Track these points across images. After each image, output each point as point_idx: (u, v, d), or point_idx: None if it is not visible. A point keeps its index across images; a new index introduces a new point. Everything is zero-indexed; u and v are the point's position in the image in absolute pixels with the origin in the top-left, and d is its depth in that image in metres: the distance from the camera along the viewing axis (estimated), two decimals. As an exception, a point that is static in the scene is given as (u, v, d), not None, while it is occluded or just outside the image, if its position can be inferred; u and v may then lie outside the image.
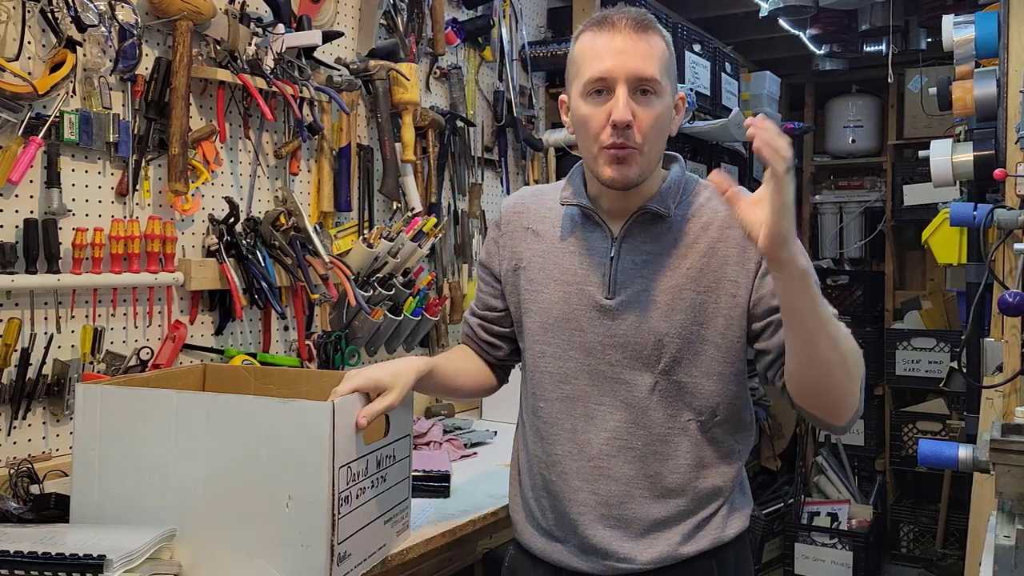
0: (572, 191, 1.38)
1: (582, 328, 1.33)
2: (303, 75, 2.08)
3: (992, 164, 2.06)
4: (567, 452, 1.34)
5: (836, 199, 4.76)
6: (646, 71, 1.25)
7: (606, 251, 1.34)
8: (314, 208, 2.23)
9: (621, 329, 1.31)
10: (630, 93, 1.25)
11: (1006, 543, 1.26)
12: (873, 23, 3.69)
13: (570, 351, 1.34)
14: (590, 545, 1.33)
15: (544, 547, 1.39)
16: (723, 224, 1.31)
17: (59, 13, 1.63)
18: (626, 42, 1.25)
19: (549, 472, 1.36)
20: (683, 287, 1.30)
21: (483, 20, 2.77)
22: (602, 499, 1.32)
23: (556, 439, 1.35)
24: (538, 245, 1.41)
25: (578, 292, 1.34)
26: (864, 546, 3.89)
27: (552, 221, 1.41)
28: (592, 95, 1.27)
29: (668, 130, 1.32)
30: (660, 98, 1.28)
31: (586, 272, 1.35)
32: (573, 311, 1.34)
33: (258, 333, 2.09)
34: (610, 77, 1.25)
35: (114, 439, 1.33)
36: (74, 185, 1.71)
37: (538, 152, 3.04)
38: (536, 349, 1.38)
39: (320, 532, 1.23)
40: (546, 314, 1.36)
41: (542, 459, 1.38)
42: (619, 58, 1.25)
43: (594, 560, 1.33)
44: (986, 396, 1.98)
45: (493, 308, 1.51)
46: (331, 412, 1.23)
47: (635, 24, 1.27)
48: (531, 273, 1.40)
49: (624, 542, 1.31)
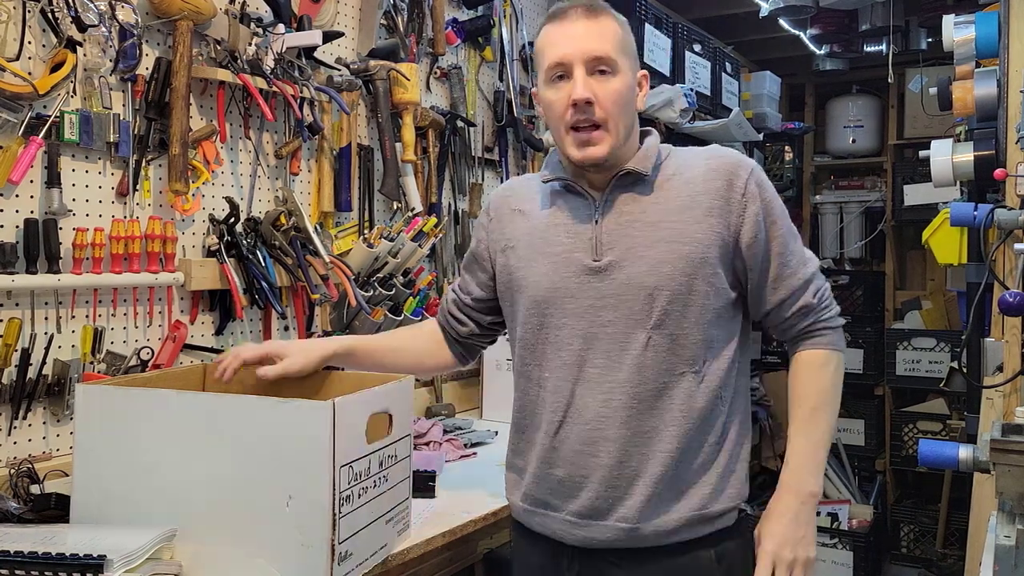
0: (551, 169, 1.45)
1: (573, 294, 1.37)
2: (303, 75, 2.08)
3: (992, 164, 2.06)
4: (567, 418, 1.36)
5: (836, 199, 4.76)
6: (599, 50, 1.34)
7: (590, 216, 1.39)
8: (314, 208, 2.23)
9: (611, 289, 1.35)
10: (588, 73, 1.33)
11: (1006, 543, 1.26)
12: (873, 23, 3.69)
13: (563, 319, 1.37)
14: (587, 510, 1.35)
15: (541, 521, 1.41)
16: (704, 176, 1.37)
17: (59, 13, 1.63)
18: (578, 27, 1.35)
19: (549, 440, 1.38)
20: (669, 240, 1.34)
21: (483, 20, 2.77)
22: (601, 461, 1.34)
23: (557, 407, 1.38)
24: (525, 223, 1.46)
25: (566, 260, 1.38)
26: (864, 546, 3.89)
27: (536, 200, 1.47)
28: (554, 80, 1.36)
29: (633, 105, 1.39)
30: (617, 75, 1.35)
31: (572, 240, 1.39)
32: (563, 279, 1.38)
33: (258, 333, 2.09)
34: (567, 61, 1.34)
35: (114, 439, 1.33)
36: (74, 185, 1.71)
37: (538, 152, 3.04)
38: (532, 323, 1.41)
39: (321, 531, 1.24)
40: (536, 287, 1.40)
41: (541, 429, 1.40)
42: (574, 42, 1.34)
43: (591, 525, 1.35)
44: (986, 396, 1.98)
45: (469, 292, 1.58)
46: (332, 411, 1.23)
47: (586, 10, 1.36)
48: (520, 251, 1.44)
49: (622, 503, 1.33)
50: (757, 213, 1.36)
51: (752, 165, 1.39)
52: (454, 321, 1.61)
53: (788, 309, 1.41)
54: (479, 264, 1.56)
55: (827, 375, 1.42)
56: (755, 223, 1.36)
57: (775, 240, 1.38)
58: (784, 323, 1.43)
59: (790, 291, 1.40)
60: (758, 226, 1.36)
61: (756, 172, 1.38)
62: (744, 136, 3.48)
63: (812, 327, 1.42)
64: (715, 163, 1.38)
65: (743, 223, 1.36)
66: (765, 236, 1.37)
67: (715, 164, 1.38)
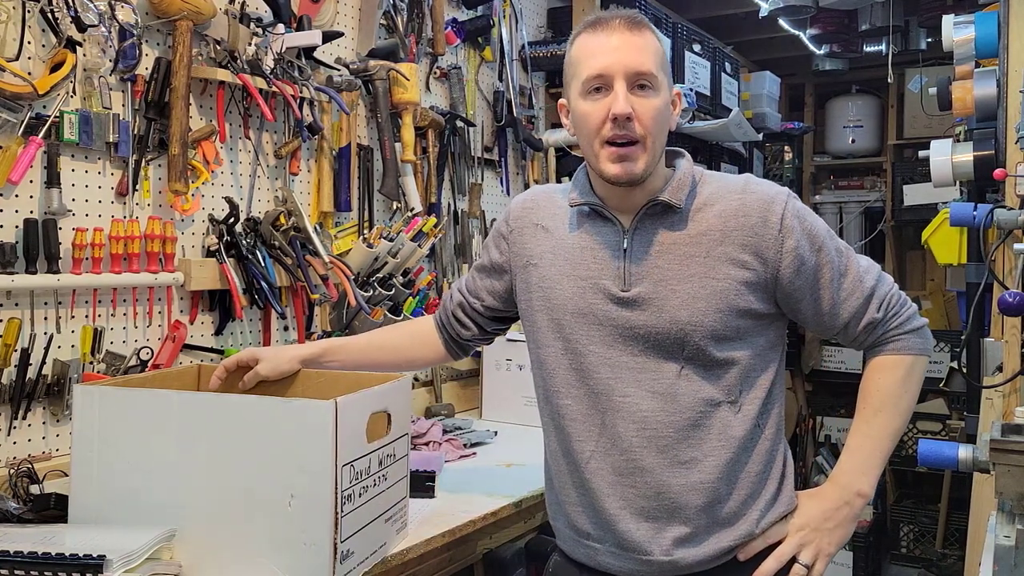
0: (579, 192, 1.39)
1: (600, 322, 1.33)
2: (303, 75, 2.08)
3: (992, 164, 2.06)
4: (599, 448, 1.33)
5: (836, 199, 4.77)
6: (643, 66, 1.28)
7: (618, 244, 1.34)
8: (314, 208, 2.23)
9: (641, 320, 1.30)
10: (628, 88, 1.27)
11: (1006, 543, 1.26)
12: (873, 23, 3.70)
13: (590, 345, 1.33)
14: (629, 542, 1.31)
15: (585, 552, 1.37)
16: (737, 211, 1.32)
17: (59, 13, 1.63)
18: (621, 39, 1.28)
19: (582, 471, 1.34)
20: (703, 276, 1.29)
21: (483, 20, 2.77)
22: (639, 492, 1.30)
23: (587, 436, 1.34)
24: (548, 241, 1.41)
25: (592, 286, 1.34)
26: (864, 546, 3.89)
27: (561, 218, 1.42)
28: (591, 93, 1.29)
29: (668, 124, 1.34)
30: (658, 92, 1.30)
31: (600, 266, 1.34)
32: (589, 305, 1.34)
33: (258, 333, 2.09)
34: (608, 73, 1.27)
35: (113, 440, 1.32)
36: (74, 185, 1.71)
37: (538, 152, 3.04)
38: (556, 347, 1.37)
39: (323, 530, 1.24)
40: (561, 310, 1.36)
41: (573, 459, 1.36)
42: (615, 55, 1.27)
43: (634, 559, 1.32)
44: (986, 396, 1.98)
45: (480, 299, 1.55)
46: (334, 411, 1.23)
47: (629, 22, 1.30)
48: (543, 269, 1.40)
49: (663, 535, 1.30)
50: (796, 247, 1.30)
51: (787, 196, 1.34)
52: (456, 324, 1.59)
53: (855, 328, 1.36)
54: (497, 273, 1.51)
55: (894, 378, 1.37)
56: (796, 257, 1.30)
57: (824, 267, 1.33)
58: (855, 341, 1.39)
59: (852, 312, 1.35)
60: (800, 259, 1.31)
61: (791, 203, 1.33)
62: (744, 136, 3.48)
63: (883, 337, 1.37)
64: (749, 198, 1.32)
65: (781, 259, 1.30)
66: (815, 264, 1.32)
67: (749, 199, 1.32)
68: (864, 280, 1.36)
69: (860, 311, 1.35)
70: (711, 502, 1.30)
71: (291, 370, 1.54)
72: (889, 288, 1.38)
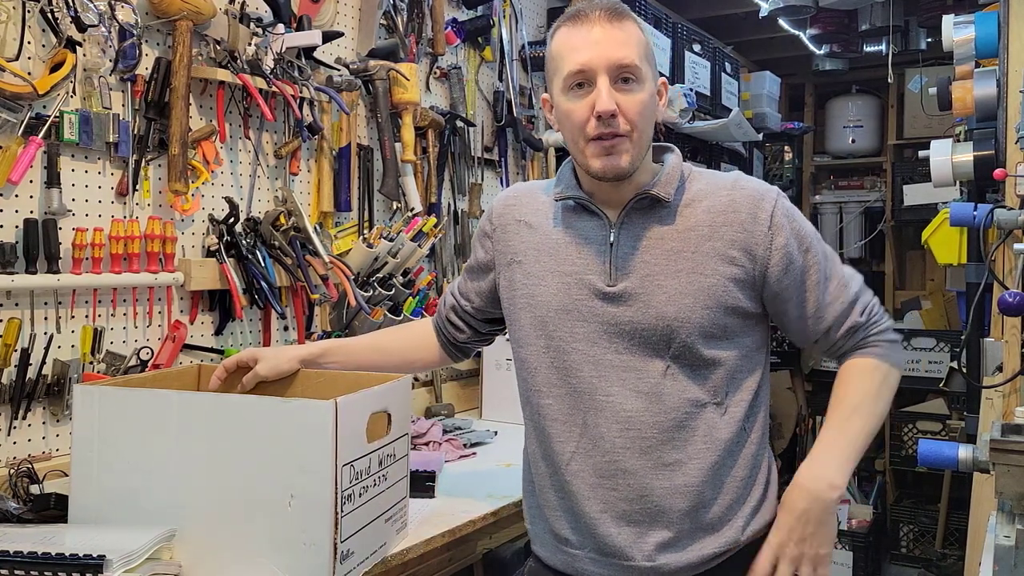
0: (564, 186, 1.36)
1: (584, 318, 1.30)
2: (303, 75, 2.08)
3: (992, 164, 2.06)
4: (580, 449, 1.30)
5: (836, 199, 4.77)
6: (625, 58, 1.24)
7: (604, 238, 1.31)
8: (314, 208, 2.23)
9: (627, 316, 1.28)
10: (611, 82, 1.24)
11: (1006, 543, 1.26)
12: (873, 23, 3.70)
13: (573, 343, 1.31)
14: (609, 547, 1.28)
15: (564, 559, 1.35)
16: (726, 207, 1.30)
17: (59, 13, 1.63)
18: (602, 32, 1.25)
19: (562, 473, 1.32)
20: (690, 271, 1.27)
21: (483, 20, 2.77)
22: (621, 495, 1.28)
23: (568, 436, 1.31)
24: (532, 237, 1.38)
25: (577, 282, 1.31)
26: (864, 546, 3.89)
27: (545, 213, 1.39)
28: (574, 89, 1.27)
29: (654, 116, 1.32)
30: (642, 84, 1.27)
31: (584, 261, 1.32)
32: (573, 301, 1.31)
33: (258, 333, 2.09)
34: (589, 68, 1.24)
35: (113, 440, 1.32)
36: (74, 185, 1.71)
37: (538, 152, 3.04)
38: (539, 344, 1.34)
39: (324, 530, 1.24)
40: (545, 307, 1.33)
41: (553, 460, 1.33)
42: (596, 48, 1.24)
43: (615, 564, 1.29)
44: (986, 396, 1.98)
45: (470, 300, 1.55)
46: (334, 411, 1.23)
47: (609, 14, 1.26)
48: (527, 266, 1.37)
49: (645, 540, 1.27)
50: (786, 244, 1.29)
51: (776, 195, 1.32)
52: (451, 327, 1.58)
53: (836, 332, 1.34)
54: (483, 273, 1.49)
55: (872, 381, 1.34)
56: (785, 255, 1.29)
57: (811, 268, 1.32)
58: (834, 346, 1.37)
59: (836, 316, 1.33)
60: (789, 257, 1.29)
61: (781, 202, 1.31)
62: (744, 136, 3.48)
63: (863, 342, 1.35)
64: (738, 194, 1.30)
65: (770, 256, 1.28)
66: (802, 265, 1.31)
67: (738, 195, 1.30)
68: (849, 286, 1.35)
69: (844, 315, 1.34)
70: (695, 506, 1.27)
71: (291, 370, 1.54)
72: (871, 297, 1.38)
